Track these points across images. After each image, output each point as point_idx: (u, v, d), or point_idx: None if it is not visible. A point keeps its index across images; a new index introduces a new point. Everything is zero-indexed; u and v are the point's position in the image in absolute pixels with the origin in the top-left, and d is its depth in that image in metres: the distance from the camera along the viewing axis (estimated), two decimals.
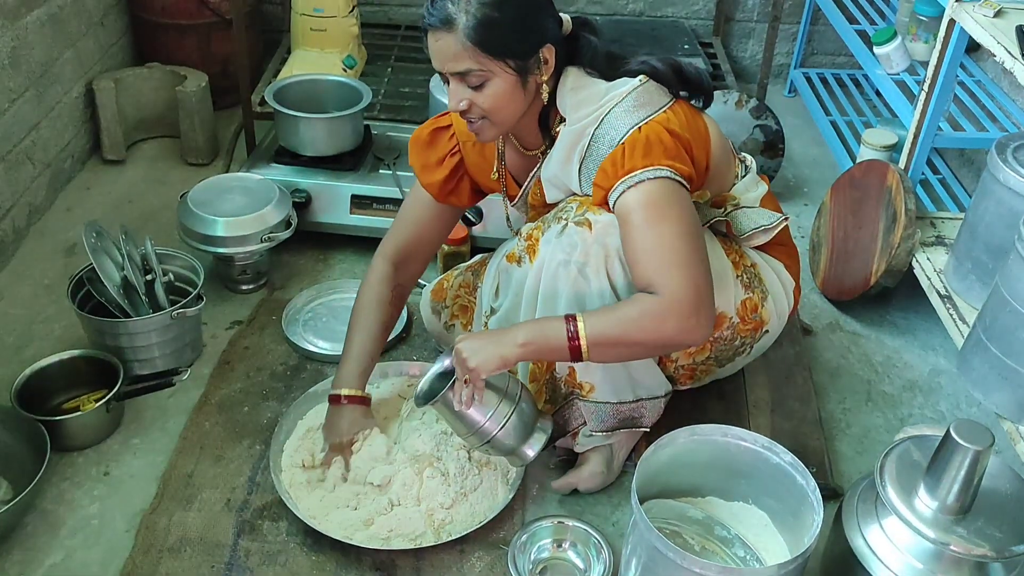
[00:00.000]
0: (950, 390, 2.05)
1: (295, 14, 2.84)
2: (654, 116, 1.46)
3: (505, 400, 1.53)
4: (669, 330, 1.39)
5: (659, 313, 1.39)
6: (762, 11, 3.30)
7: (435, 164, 1.72)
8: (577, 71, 1.52)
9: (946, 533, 1.36)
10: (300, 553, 1.61)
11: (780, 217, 1.67)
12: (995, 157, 1.86)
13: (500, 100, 1.47)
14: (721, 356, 1.71)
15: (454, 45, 1.42)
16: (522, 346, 1.44)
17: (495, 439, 1.54)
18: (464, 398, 1.49)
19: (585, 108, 1.49)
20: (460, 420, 1.53)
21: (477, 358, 1.45)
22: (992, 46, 1.85)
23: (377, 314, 1.74)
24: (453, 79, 1.47)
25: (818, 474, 1.74)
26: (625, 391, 1.65)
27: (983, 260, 1.92)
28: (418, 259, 1.81)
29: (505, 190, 1.72)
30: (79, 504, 1.69)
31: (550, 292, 1.54)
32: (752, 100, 2.56)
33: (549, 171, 1.58)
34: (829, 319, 2.25)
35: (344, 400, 1.68)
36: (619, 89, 1.49)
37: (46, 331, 2.07)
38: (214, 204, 2.15)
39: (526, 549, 1.60)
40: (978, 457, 1.33)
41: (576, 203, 1.53)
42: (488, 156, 1.70)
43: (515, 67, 1.45)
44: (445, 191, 1.73)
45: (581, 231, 1.50)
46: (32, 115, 2.40)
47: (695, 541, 1.60)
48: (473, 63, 1.43)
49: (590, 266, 1.50)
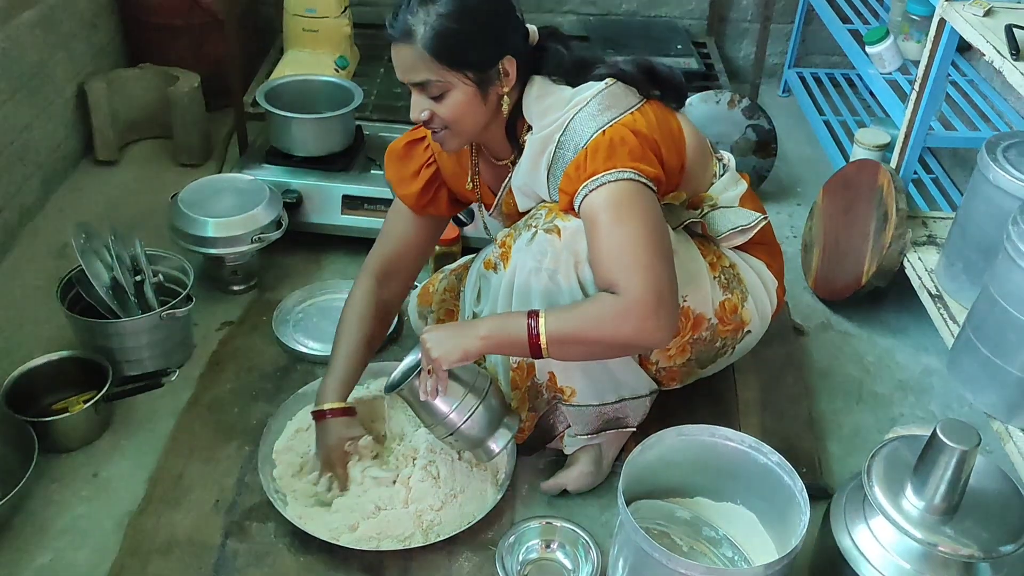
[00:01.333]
0: (941, 390, 2.05)
1: (287, 15, 2.83)
2: (619, 118, 1.46)
3: (471, 393, 1.54)
4: (628, 330, 1.39)
5: (618, 313, 1.39)
6: (756, 11, 3.29)
7: (411, 176, 1.72)
8: (542, 80, 1.52)
9: (933, 533, 1.36)
10: (288, 555, 1.61)
11: (758, 217, 1.66)
12: (985, 156, 1.85)
13: (459, 110, 1.48)
14: (702, 358, 1.70)
15: (412, 56, 1.43)
16: (483, 339, 1.45)
17: (460, 431, 1.55)
18: (429, 388, 1.50)
19: (551, 115, 1.49)
20: (426, 410, 1.55)
21: (440, 349, 1.46)
22: (982, 45, 1.85)
23: (359, 330, 1.73)
24: (414, 89, 1.48)
25: (808, 474, 1.74)
26: (607, 392, 1.65)
27: (973, 260, 1.92)
28: (403, 273, 1.80)
29: (480, 199, 1.72)
30: (67, 505, 1.69)
31: (523, 298, 1.55)
32: (745, 100, 2.55)
33: (519, 180, 1.58)
34: (821, 319, 2.24)
35: (328, 415, 1.67)
36: (584, 94, 1.49)
37: (36, 332, 2.07)
38: (205, 205, 2.15)
39: (514, 550, 1.60)
40: (965, 457, 1.33)
41: (545, 210, 1.54)
42: (464, 164, 1.70)
43: (474, 79, 1.46)
44: (422, 203, 1.73)
45: (551, 238, 1.50)
46: (24, 116, 2.40)
47: (683, 541, 1.60)
48: (431, 74, 1.44)
49: (560, 272, 1.51)
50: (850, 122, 2.96)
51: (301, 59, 2.80)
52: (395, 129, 2.54)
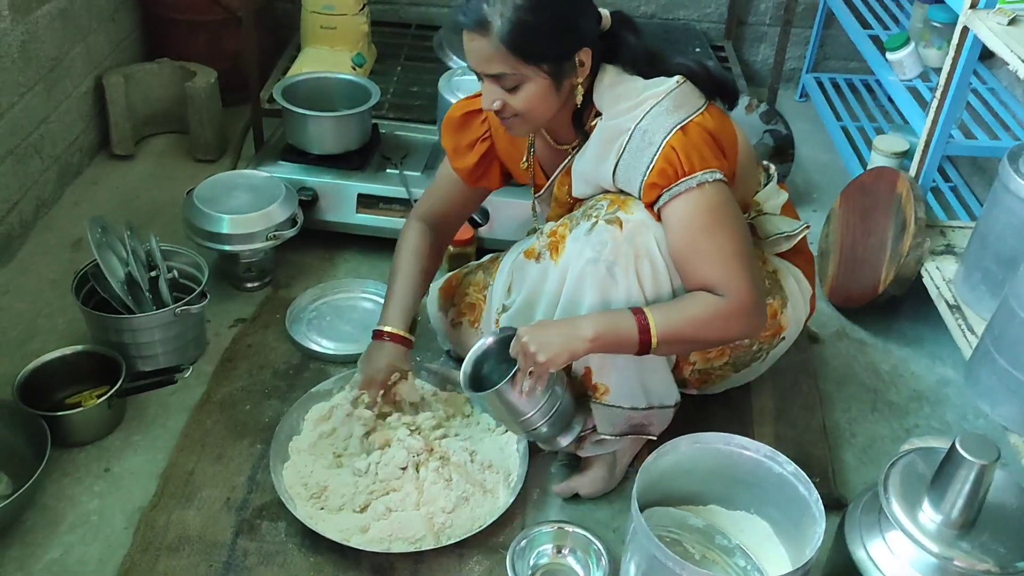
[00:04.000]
0: (957, 401, 2.03)
1: (305, 11, 2.83)
2: (693, 116, 1.46)
3: (553, 392, 1.55)
4: (735, 329, 1.49)
5: (728, 314, 1.45)
6: (775, 15, 3.28)
7: (466, 148, 1.73)
8: (615, 69, 1.52)
9: (950, 548, 1.35)
10: (298, 554, 1.60)
11: (802, 225, 1.69)
12: (1007, 167, 1.84)
13: (533, 102, 1.46)
14: (739, 362, 1.71)
15: (488, 48, 1.41)
16: (592, 340, 1.45)
17: (537, 429, 1.57)
18: (526, 389, 1.49)
19: (623, 104, 1.48)
20: (509, 410, 1.54)
21: (547, 352, 1.45)
22: (1005, 54, 1.83)
23: (417, 262, 1.78)
24: (487, 79, 1.46)
25: (822, 484, 1.73)
26: (639, 397, 1.64)
27: (993, 270, 1.90)
28: (448, 226, 1.88)
29: (533, 180, 1.72)
30: (79, 500, 1.69)
31: (575, 290, 1.53)
32: (762, 105, 2.54)
33: (582, 165, 1.56)
34: (836, 327, 2.23)
35: (387, 337, 1.70)
36: (658, 88, 1.48)
37: (50, 326, 2.07)
38: (220, 201, 2.15)
39: (525, 554, 1.59)
40: (983, 472, 1.32)
41: (607, 201, 1.52)
42: (519, 144, 1.70)
43: (550, 71, 1.45)
44: (475, 176, 1.76)
45: (612, 229, 1.49)
46: (41, 109, 2.40)
47: (696, 550, 1.58)
48: (507, 67, 1.42)
49: (619, 265, 1.49)
50: (868, 128, 2.94)
51: (318, 56, 2.80)
52: (412, 128, 2.54)
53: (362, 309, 2.18)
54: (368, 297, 2.21)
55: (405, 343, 1.72)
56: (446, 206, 1.84)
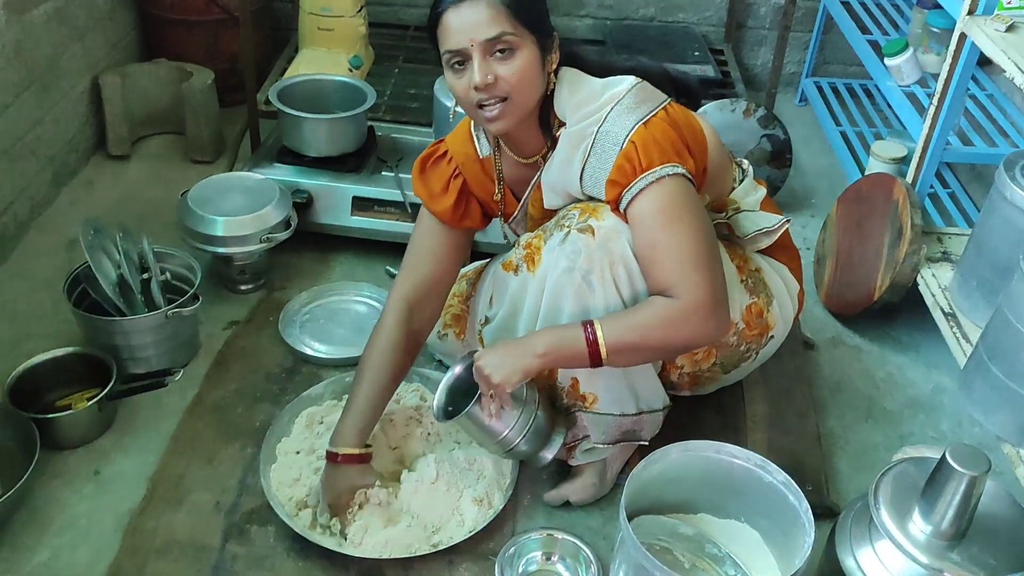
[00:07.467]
0: (952, 409, 2.02)
1: (303, 13, 2.83)
2: (655, 112, 1.46)
3: (526, 409, 1.55)
4: (687, 333, 1.43)
5: (678, 317, 1.41)
6: (774, 19, 3.26)
7: (441, 191, 1.68)
8: (573, 70, 1.53)
9: (939, 559, 1.34)
10: (287, 559, 1.60)
11: (781, 219, 1.66)
12: (1003, 174, 1.83)
13: (526, 74, 1.44)
14: (727, 362, 1.70)
15: (487, 10, 1.41)
16: (541, 356, 1.45)
17: (515, 448, 1.57)
18: (493, 411, 1.51)
19: (585, 108, 1.48)
20: (484, 432, 1.55)
21: (500, 373, 1.45)
22: (1003, 62, 1.82)
23: (388, 362, 1.65)
24: (479, 53, 1.42)
25: (814, 492, 1.73)
26: (628, 403, 1.64)
27: (988, 278, 1.89)
28: (435, 296, 1.73)
29: (503, 208, 1.70)
30: (68, 503, 1.69)
31: (554, 301, 1.53)
32: (760, 109, 2.53)
33: (550, 175, 1.56)
34: (831, 333, 2.22)
35: (341, 459, 1.60)
36: (617, 87, 1.48)
37: (43, 327, 2.06)
38: (214, 203, 2.14)
39: (514, 561, 1.59)
40: (974, 483, 1.31)
41: (578, 210, 1.52)
42: (489, 170, 1.68)
43: (539, 43, 1.46)
44: (457, 215, 1.69)
45: (584, 238, 1.48)
46: (37, 109, 2.40)
47: (685, 558, 1.58)
48: (508, 26, 1.41)
49: (594, 273, 1.48)
50: (867, 134, 2.93)
51: (315, 58, 2.79)
52: (408, 131, 2.54)
53: (355, 312, 2.18)
54: (362, 300, 2.21)
55: (362, 460, 1.61)
56: (431, 265, 1.70)
